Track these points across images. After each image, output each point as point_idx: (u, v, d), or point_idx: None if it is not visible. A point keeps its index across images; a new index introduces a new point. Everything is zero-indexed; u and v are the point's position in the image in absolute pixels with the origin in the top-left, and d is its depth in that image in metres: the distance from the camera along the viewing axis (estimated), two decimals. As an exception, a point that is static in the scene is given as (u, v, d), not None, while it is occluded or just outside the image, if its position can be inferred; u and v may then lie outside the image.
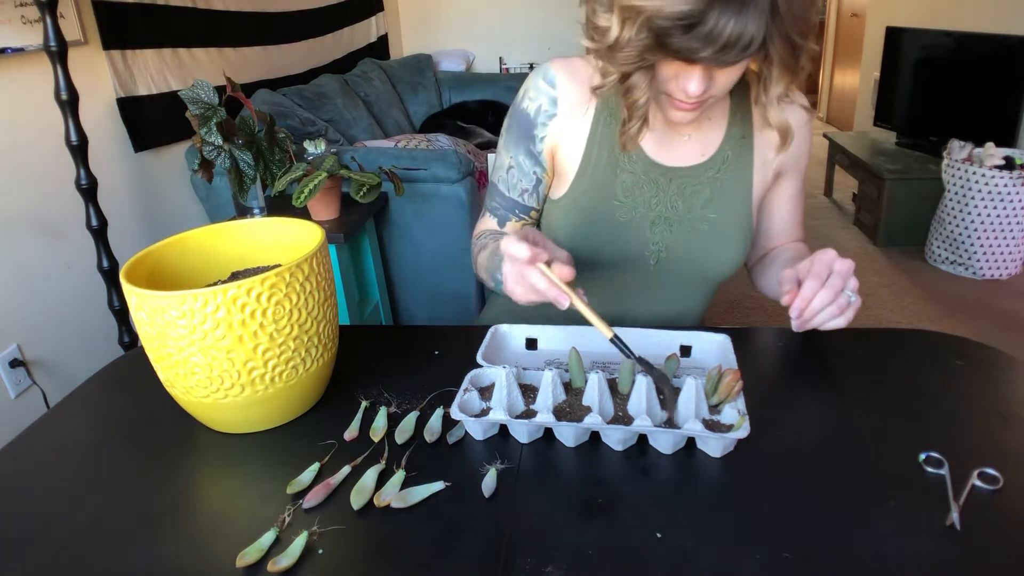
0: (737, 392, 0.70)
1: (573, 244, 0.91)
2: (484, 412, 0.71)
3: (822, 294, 0.71)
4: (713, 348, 0.83)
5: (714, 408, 0.70)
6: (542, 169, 0.93)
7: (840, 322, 0.75)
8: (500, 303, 1.07)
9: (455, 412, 0.69)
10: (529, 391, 0.74)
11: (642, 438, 0.69)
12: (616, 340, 0.70)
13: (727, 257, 0.93)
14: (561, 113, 0.90)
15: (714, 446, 0.66)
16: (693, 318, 1.01)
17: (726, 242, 0.92)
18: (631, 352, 0.70)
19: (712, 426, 0.67)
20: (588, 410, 0.69)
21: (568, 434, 0.68)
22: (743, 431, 0.65)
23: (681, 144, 0.90)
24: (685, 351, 0.84)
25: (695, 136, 0.90)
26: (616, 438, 0.68)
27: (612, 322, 0.73)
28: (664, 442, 0.67)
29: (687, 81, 0.73)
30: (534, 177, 0.94)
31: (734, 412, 0.68)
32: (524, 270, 0.69)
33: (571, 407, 0.71)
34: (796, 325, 0.74)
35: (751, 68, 0.82)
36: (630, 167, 0.90)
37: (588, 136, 0.90)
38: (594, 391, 0.70)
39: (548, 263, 0.69)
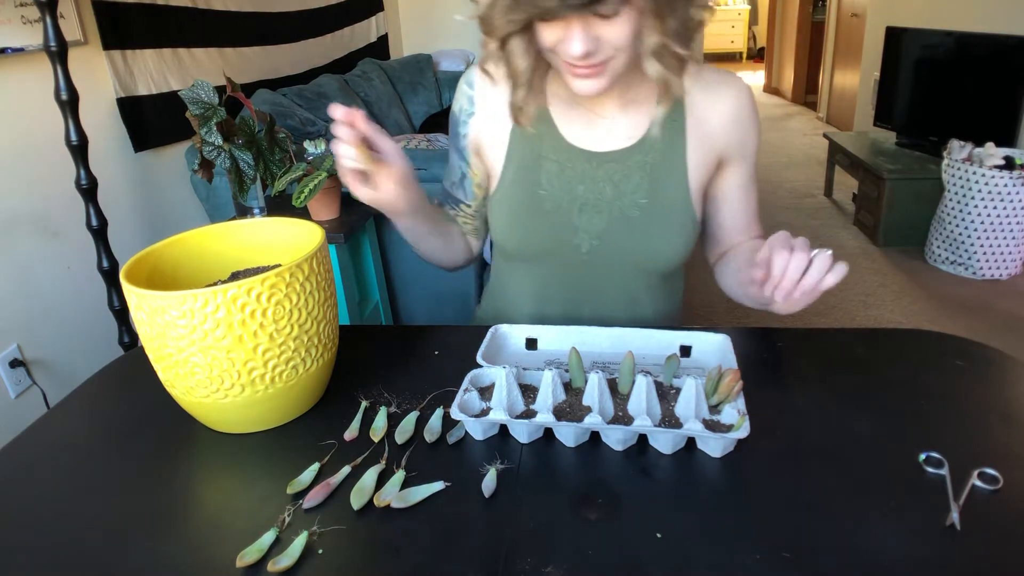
0: (737, 392, 0.70)
1: (508, 237, 0.94)
2: (484, 412, 0.71)
3: (795, 260, 0.66)
4: (713, 348, 0.83)
5: (714, 408, 0.70)
6: (466, 165, 0.97)
7: (831, 278, 0.67)
8: (493, 295, 1.08)
9: (455, 412, 0.69)
10: (529, 391, 0.74)
11: (642, 438, 0.69)
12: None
13: (662, 245, 0.90)
14: (479, 111, 0.93)
15: (714, 446, 0.66)
16: (644, 311, 0.98)
17: (660, 229, 0.89)
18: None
19: (712, 426, 0.67)
20: (588, 410, 0.69)
21: (568, 434, 0.68)
22: (743, 431, 0.65)
23: (606, 129, 0.89)
24: (685, 351, 0.84)
25: (621, 120, 0.88)
26: (616, 438, 0.68)
27: (556, 314, 0.85)
28: (664, 442, 0.67)
29: (568, 43, 0.71)
30: (459, 172, 0.98)
31: (734, 412, 0.68)
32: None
33: (571, 407, 0.71)
34: (781, 297, 0.68)
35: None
36: (554, 156, 0.89)
37: (511, 130, 0.91)
38: (594, 391, 0.70)
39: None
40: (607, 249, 0.91)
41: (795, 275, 0.66)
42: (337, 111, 0.72)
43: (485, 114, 0.92)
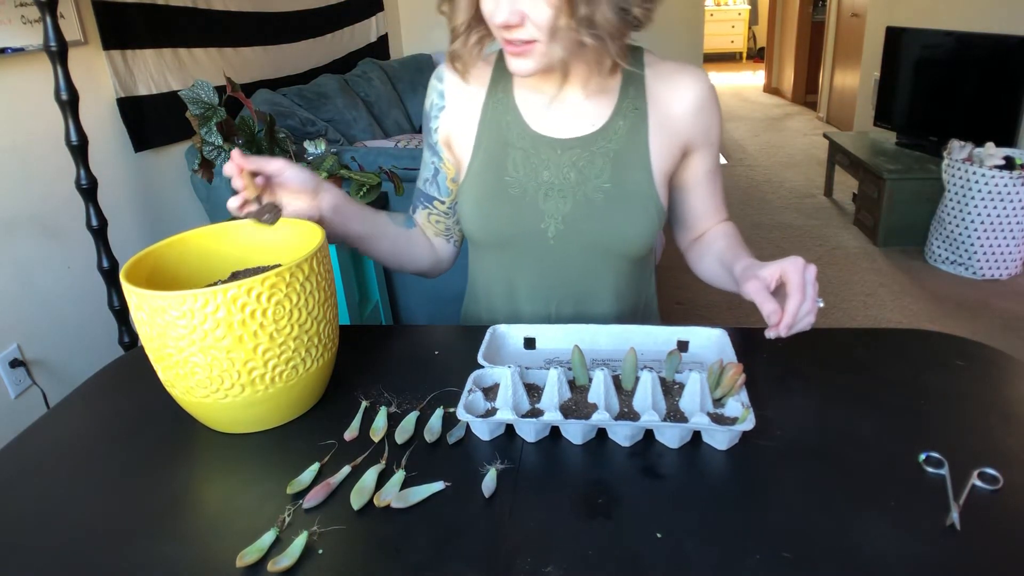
0: (740, 385, 0.70)
1: (476, 225, 0.95)
2: (490, 412, 0.71)
3: (805, 305, 0.73)
4: (711, 343, 0.84)
5: (717, 402, 0.71)
6: (439, 159, 0.99)
7: (809, 327, 0.76)
8: (470, 291, 1.10)
9: (461, 413, 0.69)
10: (532, 390, 0.74)
11: (648, 433, 0.69)
12: (259, 200, 0.80)
13: (627, 229, 0.92)
14: (449, 104, 0.95)
15: (720, 439, 0.67)
16: (614, 298, 0.99)
17: (624, 213, 0.92)
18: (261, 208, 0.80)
19: (717, 419, 0.68)
20: (594, 407, 0.69)
21: (576, 432, 0.69)
22: (748, 423, 0.65)
23: (569, 116, 0.92)
24: (682, 347, 0.84)
25: (583, 107, 0.92)
26: (623, 434, 0.68)
27: (525, 304, 0.93)
28: (671, 436, 0.67)
29: (493, 11, 0.77)
30: (432, 167, 1.00)
31: (737, 405, 0.69)
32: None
33: (577, 405, 0.71)
34: (772, 335, 0.75)
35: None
36: (520, 143, 0.92)
37: (479, 121, 0.94)
38: (599, 388, 0.70)
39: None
40: (573, 233, 0.93)
41: (800, 319, 0.73)
42: (234, 155, 0.78)
43: (455, 107, 0.95)
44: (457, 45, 0.86)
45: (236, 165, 0.77)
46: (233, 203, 0.79)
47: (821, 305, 0.75)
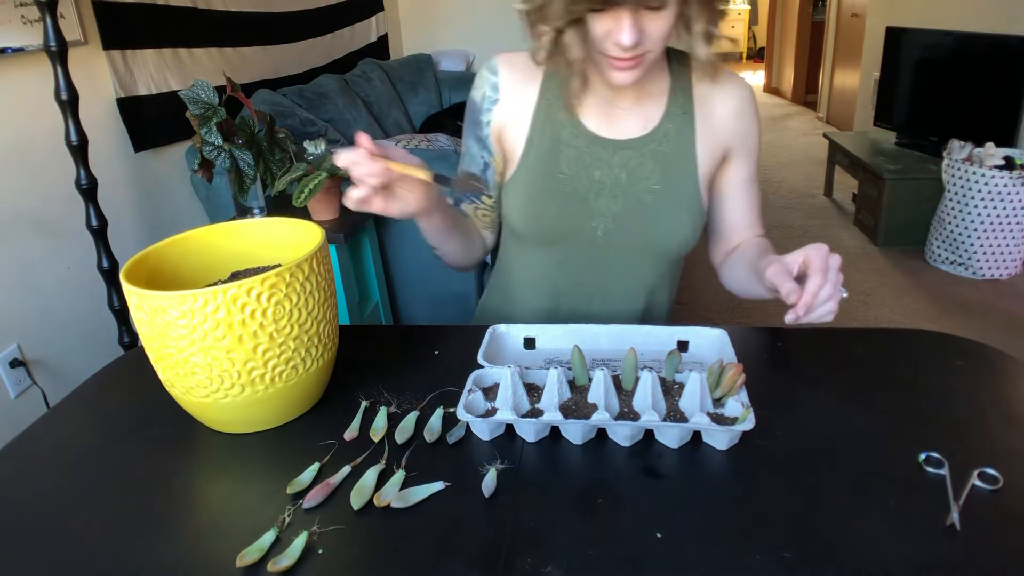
0: (740, 385, 0.70)
1: (524, 220, 0.96)
2: (490, 412, 0.71)
3: (825, 289, 0.72)
4: (710, 343, 0.84)
5: (717, 402, 0.71)
6: (489, 154, 0.98)
7: (830, 316, 0.75)
8: (498, 287, 1.09)
9: (461, 413, 0.69)
10: (532, 390, 0.74)
11: (648, 433, 0.69)
12: (438, 176, 0.77)
13: (674, 228, 0.95)
14: (503, 98, 0.95)
15: (720, 439, 0.67)
16: (652, 295, 1.02)
17: (672, 213, 0.94)
18: (449, 177, 0.77)
19: (717, 419, 0.68)
20: (594, 407, 0.69)
21: (576, 432, 0.69)
22: (748, 423, 0.65)
23: (623, 118, 0.93)
24: (682, 347, 0.84)
25: (636, 110, 0.93)
26: (623, 434, 0.68)
27: (570, 300, 0.90)
28: (671, 436, 0.67)
29: (619, 33, 0.76)
30: (481, 161, 0.99)
31: (737, 405, 0.69)
32: (353, 170, 0.74)
33: (577, 405, 0.71)
34: (791, 319, 0.74)
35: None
36: (573, 142, 0.93)
37: (532, 116, 0.94)
38: (599, 388, 0.70)
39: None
40: (622, 232, 0.95)
41: (820, 303, 0.72)
42: (363, 140, 0.73)
43: (509, 100, 0.95)
44: (576, 85, 0.85)
45: (366, 151, 0.72)
46: (357, 194, 0.74)
47: (844, 295, 0.74)
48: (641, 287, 1.00)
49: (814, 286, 0.71)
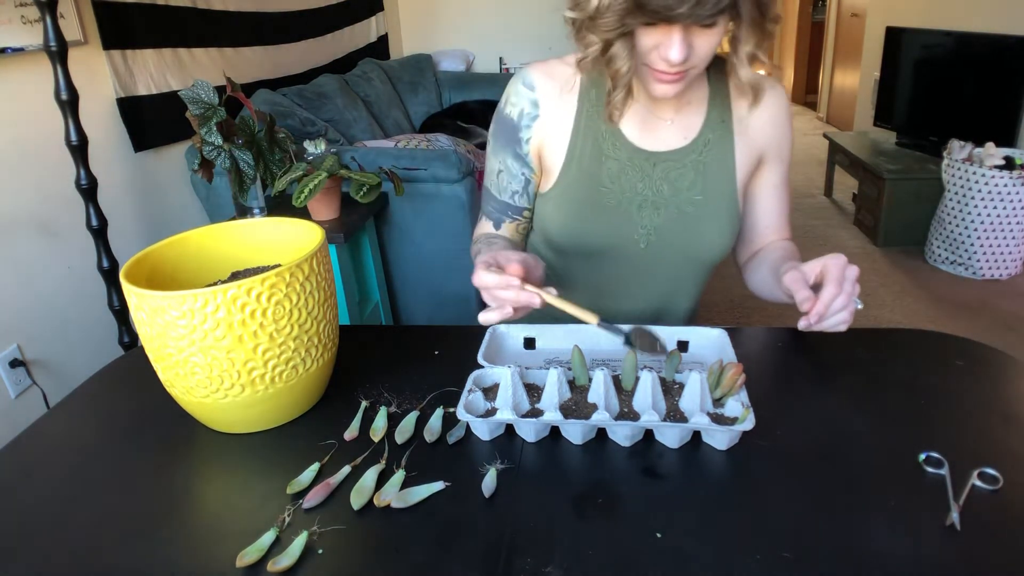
0: (740, 385, 0.70)
1: (565, 233, 0.95)
2: (490, 412, 0.71)
3: (839, 299, 0.74)
4: (710, 343, 0.84)
5: (717, 402, 0.71)
6: (530, 170, 0.96)
7: (843, 327, 0.77)
8: None
9: (461, 413, 0.69)
10: (532, 390, 0.74)
11: (648, 433, 0.69)
12: (604, 323, 0.72)
13: (715, 238, 0.95)
14: (543, 113, 0.93)
15: (720, 439, 0.67)
16: (686, 301, 1.03)
17: (713, 223, 0.94)
18: (621, 330, 0.73)
19: (717, 419, 0.68)
20: (594, 407, 0.69)
21: (576, 432, 0.69)
22: (748, 423, 0.65)
23: (663, 129, 0.93)
24: (682, 347, 0.84)
25: (676, 121, 0.93)
26: (623, 434, 0.68)
27: (606, 305, 0.80)
28: (671, 436, 0.67)
29: (668, 48, 0.75)
30: (523, 178, 0.97)
31: (737, 405, 0.69)
32: (496, 292, 0.73)
33: (577, 405, 0.71)
34: (804, 326, 0.76)
35: (723, 46, 0.84)
36: (615, 154, 0.92)
37: (572, 130, 0.93)
38: (600, 388, 0.70)
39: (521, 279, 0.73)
40: (663, 244, 0.95)
41: (833, 313, 0.74)
42: (513, 269, 0.72)
43: (549, 115, 0.93)
44: (620, 97, 0.83)
45: (517, 281, 0.72)
46: (495, 317, 0.73)
47: (859, 307, 0.76)
48: (677, 294, 1.01)
49: (828, 296, 0.73)
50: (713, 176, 0.93)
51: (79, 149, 1.65)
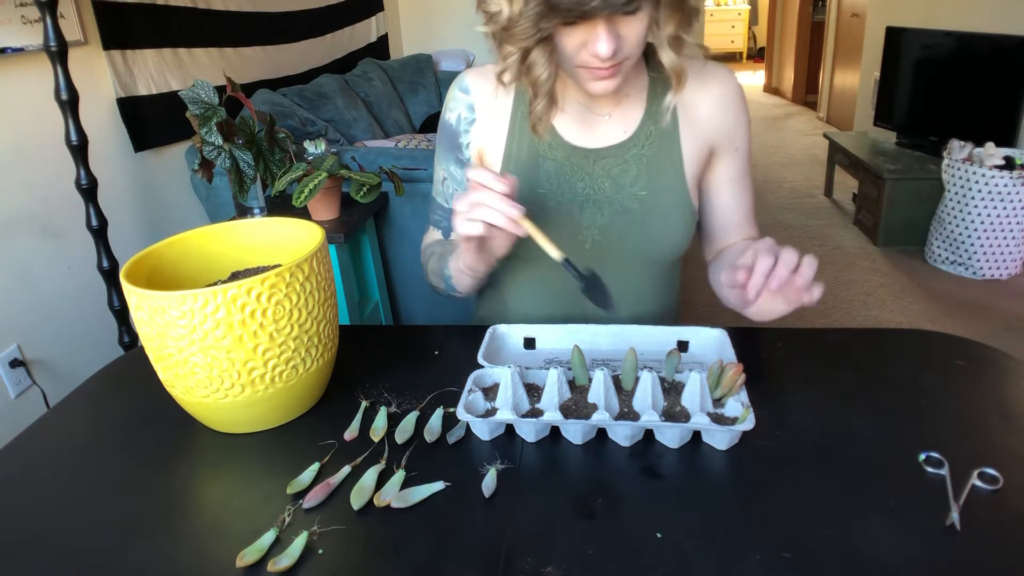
0: (740, 385, 0.70)
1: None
2: (490, 412, 0.71)
3: (779, 269, 0.67)
4: (710, 343, 0.84)
5: (717, 402, 0.71)
6: None
7: (806, 296, 0.69)
8: (489, 299, 1.07)
9: (461, 413, 0.69)
10: (532, 390, 0.74)
11: (648, 433, 0.69)
12: (567, 264, 0.74)
13: (666, 234, 0.91)
14: (480, 117, 0.92)
15: (720, 439, 0.67)
16: (652, 304, 0.98)
17: (662, 219, 0.90)
18: (582, 274, 0.74)
19: (717, 419, 0.68)
20: (594, 407, 0.69)
21: (576, 432, 0.69)
22: (748, 423, 0.65)
23: (601, 125, 0.90)
24: (682, 347, 0.84)
25: (615, 115, 0.89)
26: (623, 434, 0.68)
27: (562, 314, 0.87)
28: (671, 436, 0.67)
29: (595, 43, 0.72)
30: (467, 185, 0.95)
31: (737, 405, 0.69)
32: (481, 195, 0.72)
33: (577, 405, 0.71)
34: (753, 294, 0.69)
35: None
36: (551, 155, 0.90)
37: (507, 132, 0.91)
38: (599, 388, 0.70)
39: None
40: (610, 243, 0.91)
41: (774, 277, 0.67)
42: (502, 185, 0.71)
43: (485, 119, 0.92)
44: (541, 106, 0.80)
45: (510, 189, 0.71)
46: (475, 230, 0.72)
47: (816, 293, 0.68)
48: (635, 294, 0.96)
49: (763, 265, 0.68)
50: (658, 170, 0.89)
51: (79, 149, 1.65)
